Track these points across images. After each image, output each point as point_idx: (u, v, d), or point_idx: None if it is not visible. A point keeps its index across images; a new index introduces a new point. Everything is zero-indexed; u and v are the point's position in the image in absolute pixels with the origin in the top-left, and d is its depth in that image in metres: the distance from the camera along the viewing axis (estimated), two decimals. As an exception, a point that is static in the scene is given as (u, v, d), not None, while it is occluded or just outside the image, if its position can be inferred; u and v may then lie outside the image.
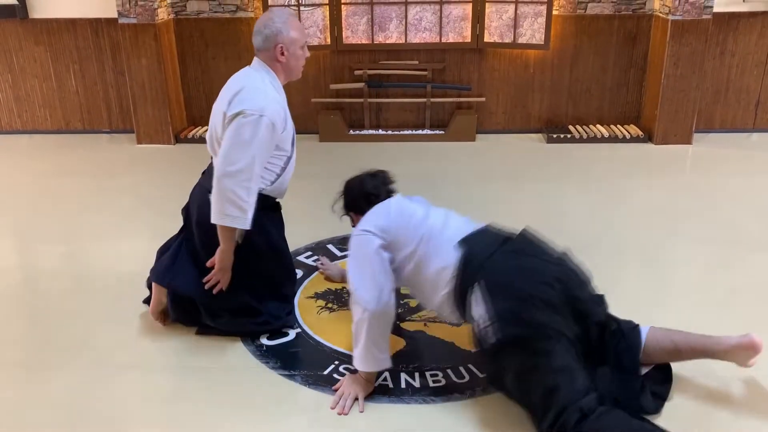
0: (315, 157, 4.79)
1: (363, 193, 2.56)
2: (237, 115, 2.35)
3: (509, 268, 2.15)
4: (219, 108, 2.47)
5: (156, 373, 2.44)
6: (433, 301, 2.29)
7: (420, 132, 5.21)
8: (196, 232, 2.61)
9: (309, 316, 2.76)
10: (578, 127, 5.18)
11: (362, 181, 2.61)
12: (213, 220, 2.40)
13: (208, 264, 2.51)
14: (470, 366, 2.41)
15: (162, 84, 4.95)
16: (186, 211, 2.74)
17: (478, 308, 2.09)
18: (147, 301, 2.81)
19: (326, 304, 2.85)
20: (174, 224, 3.67)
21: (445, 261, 2.19)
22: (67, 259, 3.39)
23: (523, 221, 3.62)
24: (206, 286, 2.51)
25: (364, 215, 2.43)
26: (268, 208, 2.61)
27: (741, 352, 2.21)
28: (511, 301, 2.05)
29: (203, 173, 2.70)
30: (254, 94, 2.40)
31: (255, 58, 2.53)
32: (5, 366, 2.50)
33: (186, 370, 2.45)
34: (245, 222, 2.39)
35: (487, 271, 2.12)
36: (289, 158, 2.61)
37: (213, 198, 2.39)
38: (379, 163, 4.64)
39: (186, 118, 5.35)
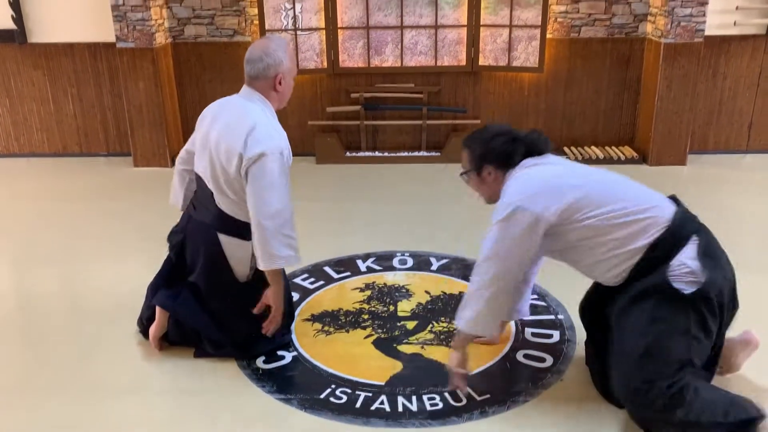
0: (312, 179, 4.81)
1: (525, 142, 2.34)
2: (260, 156, 2.31)
3: (718, 245, 2.28)
4: (229, 146, 2.36)
5: (151, 397, 2.42)
6: (605, 259, 2.23)
7: (416, 154, 5.24)
8: (203, 269, 2.55)
9: (305, 339, 2.75)
10: (573, 148, 5.21)
11: (517, 133, 2.37)
12: (264, 266, 2.39)
13: (257, 309, 2.52)
14: (467, 389, 2.40)
15: (159, 107, 4.98)
16: (179, 246, 2.66)
17: (687, 256, 2.15)
18: (143, 330, 2.77)
19: (323, 326, 2.85)
20: (166, 247, 3.67)
21: (654, 214, 2.18)
22: (62, 282, 3.38)
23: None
24: (264, 331, 2.54)
25: (506, 172, 2.32)
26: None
27: (739, 347, 2.37)
28: (718, 271, 2.17)
29: (193, 207, 2.63)
30: (269, 131, 2.37)
31: (245, 87, 2.46)
32: (0, 389, 2.48)
33: (182, 393, 2.44)
34: (297, 259, 2.43)
35: (706, 234, 2.24)
36: None
37: (258, 243, 2.36)
38: (377, 185, 4.69)
39: (183, 140, 5.36)
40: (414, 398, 2.37)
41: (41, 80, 5.27)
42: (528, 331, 2.78)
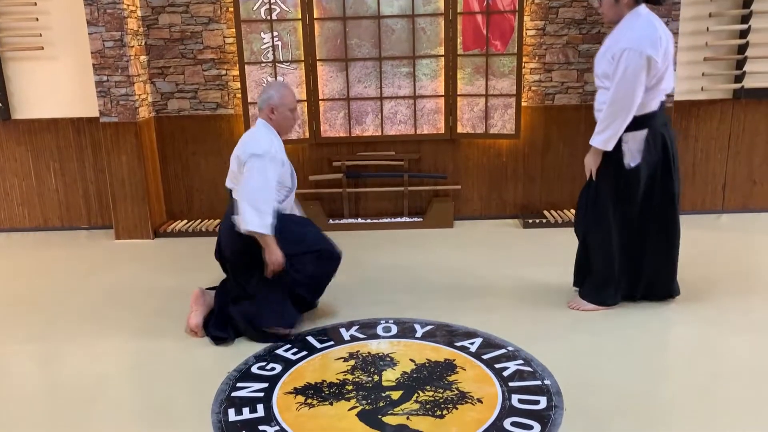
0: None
1: None
2: (250, 157, 3.22)
3: None
4: (235, 155, 3.34)
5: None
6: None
7: (398, 220, 5.28)
8: (227, 248, 3.45)
9: (288, 414, 2.68)
10: (553, 211, 5.29)
11: None
12: (242, 229, 3.17)
13: (268, 274, 3.27)
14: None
15: (142, 180, 5.01)
16: (218, 250, 3.56)
17: None
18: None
19: (306, 399, 2.79)
20: (149, 322, 3.62)
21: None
22: (38, 361, 3.29)
23: (503, 306, 3.64)
24: (267, 275, 3.28)
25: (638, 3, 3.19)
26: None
27: None
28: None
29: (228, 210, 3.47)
30: (257, 141, 3.28)
31: (258, 119, 3.43)
32: (-32, 477, 2.38)
33: (160, 475, 2.35)
34: (264, 227, 3.15)
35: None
36: (290, 189, 3.47)
37: (239, 214, 3.19)
38: (360, 251, 4.70)
39: (165, 212, 5.38)
40: (400, 472, 2.30)
41: (24, 155, 5.30)
42: (514, 397, 2.75)
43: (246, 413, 2.68)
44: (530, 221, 5.14)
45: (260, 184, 3.18)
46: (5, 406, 2.86)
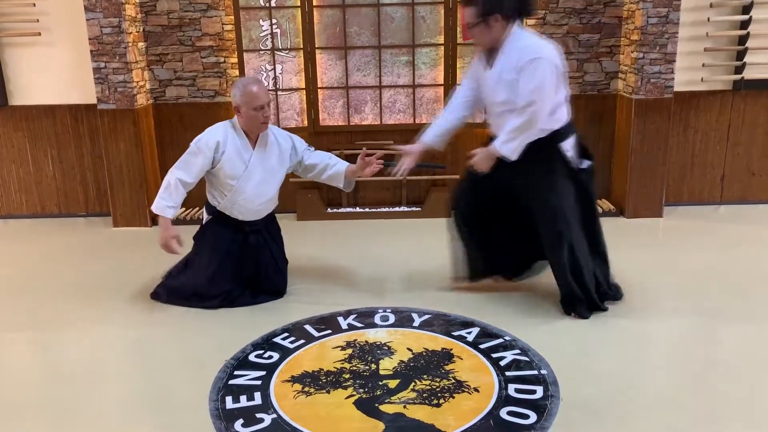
0: (292, 236, 4.78)
1: (526, 5, 3.14)
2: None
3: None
4: None
5: (125, 466, 2.34)
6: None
7: (397, 209, 5.27)
8: None
9: (285, 401, 2.69)
10: (552, 202, 5.28)
11: None
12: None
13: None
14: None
15: (140, 167, 4.99)
16: None
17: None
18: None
19: (303, 387, 2.79)
20: (147, 309, 3.63)
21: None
22: (36, 348, 3.30)
23: (500, 296, 3.65)
24: None
25: (511, 24, 3.07)
26: (222, 221, 3.64)
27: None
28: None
29: None
30: (207, 131, 3.55)
31: None
32: (-34, 463, 2.38)
33: (157, 462, 2.36)
34: (163, 209, 3.50)
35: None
36: (237, 190, 3.51)
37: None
38: (357, 240, 4.70)
39: (163, 200, 5.36)
40: (397, 460, 2.31)
41: (21, 142, 5.28)
42: (511, 387, 2.76)
43: (243, 401, 2.69)
44: (528, 211, 5.13)
45: (177, 166, 3.51)
46: (2, 393, 2.87)
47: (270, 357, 3.05)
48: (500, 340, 3.16)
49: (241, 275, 3.63)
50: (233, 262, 3.60)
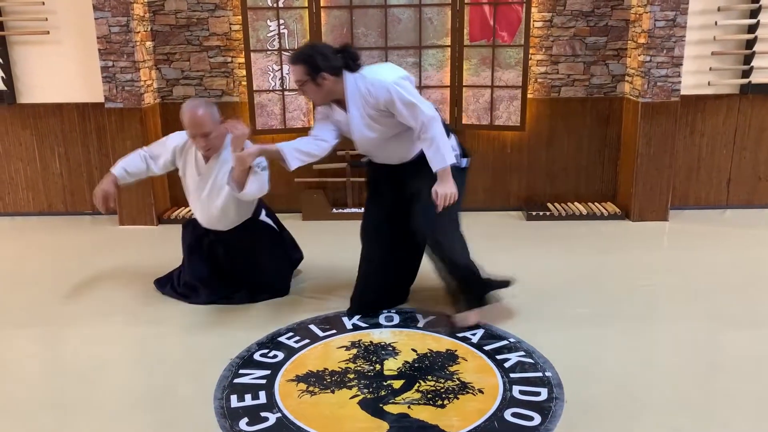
0: (298, 236, 4.78)
1: (349, 55, 3.09)
2: None
3: None
4: None
5: (130, 464, 2.35)
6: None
7: (402, 211, 5.27)
8: None
9: (290, 401, 2.70)
10: (557, 204, 5.28)
11: (341, 45, 3.16)
12: None
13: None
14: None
15: (146, 166, 5.00)
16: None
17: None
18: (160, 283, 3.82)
19: (307, 387, 2.80)
20: (152, 308, 3.64)
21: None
22: (40, 344, 3.31)
23: (506, 297, 3.64)
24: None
25: (340, 75, 3.05)
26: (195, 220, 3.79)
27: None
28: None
29: None
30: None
31: None
32: (-28, 458, 2.40)
33: (162, 459, 2.37)
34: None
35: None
36: (191, 198, 3.68)
37: None
38: (362, 242, 4.69)
39: (169, 198, 5.38)
40: (401, 460, 2.32)
41: (29, 140, 5.30)
42: (516, 389, 2.76)
43: (248, 400, 2.70)
44: (534, 213, 5.13)
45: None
46: (7, 388, 2.88)
47: (275, 356, 3.06)
48: (505, 342, 3.16)
49: (210, 274, 3.67)
50: (198, 260, 3.70)
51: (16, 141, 5.31)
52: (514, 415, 2.58)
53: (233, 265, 3.69)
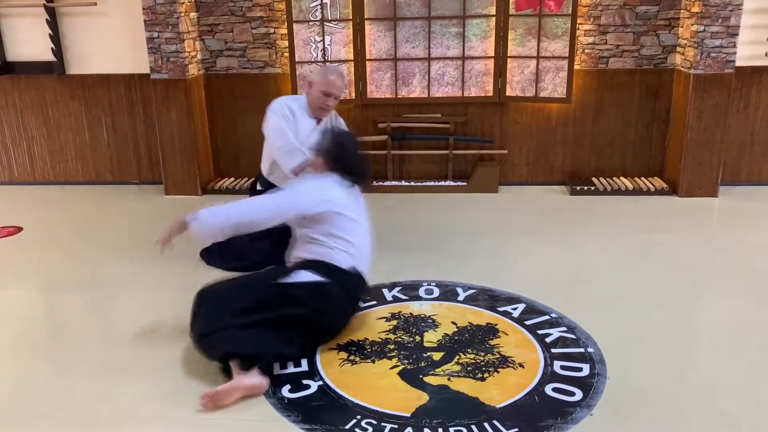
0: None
1: (352, 166, 3.06)
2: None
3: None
4: None
5: (180, 427, 2.43)
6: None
7: (443, 183, 5.25)
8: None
9: (331, 369, 2.74)
10: (602, 179, 5.17)
11: (362, 159, 3.21)
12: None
13: None
14: (495, 422, 2.37)
15: (191, 137, 5.08)
16: None
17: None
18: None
19: (348, 356, 2.83)
20: (198, 274, 3.71)
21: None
22: (93, 309, 3.42)
23: (547, 273, 3.61)
24: None
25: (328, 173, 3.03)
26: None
27: None
28: None
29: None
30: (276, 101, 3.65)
31: None
32: (29, 416, 2.50)
33: (209, 422, 2.44)
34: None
35: None
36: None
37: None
38: (402, 213, 4.70)
39: (213, 170, 5.46)
40: (440, 430, 2.34)
41: (78, 110, 5.42)
42: (557, 364, 2.74)
43: (290, 367, 2.75)
44: (578, 188, 5.04)
45: (275, 134, 3.54)
46: (60, 352, 2.99)
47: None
48: (546, 317, 3.14)
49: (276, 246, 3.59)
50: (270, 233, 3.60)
51: (66, 111, 5.43)
52: (555, 390, 2.56)
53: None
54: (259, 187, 3.83)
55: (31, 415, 2.51)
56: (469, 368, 2.71)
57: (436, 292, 3.44)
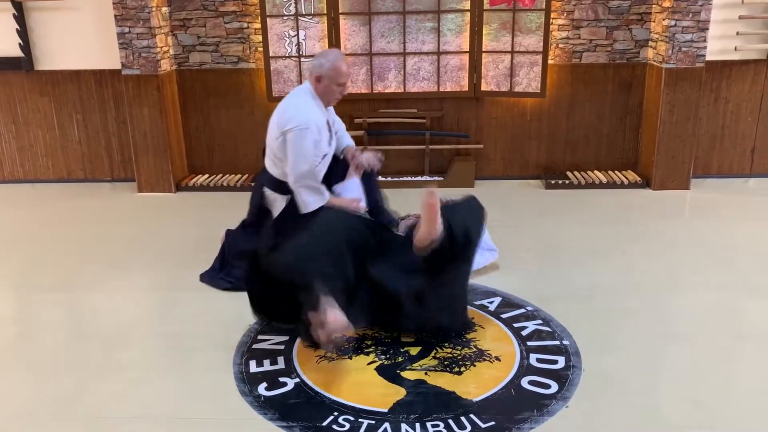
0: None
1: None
2: (289, 130, 3.20)
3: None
4: (273, 122, 3.31)
5: (155, 425, 2.39)
6: None
7: (419, 179, 5.25)
8: (253, 213, 3.53)
9: (308, 366, 2.72)
10: (576, 173, 5.22)
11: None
12: (303, 211, 3.28)
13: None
14: (472, 416, 2.37)
15: (163, 133, 5.01)
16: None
17: None
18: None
19: (325, 353, 2.82)
20: (172, 273, 3.67)
21: None
22: (66, 309, 3.36)
23: (523, 266, 3.63)
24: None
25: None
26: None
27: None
28: None
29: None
30: (296, 112, 3.23)
31: (306, 81, 3.42)
32: (2, 419, 2.46)
33: (183, 422, 2.41)
34: (323, 200, 3.30)
35: None
36: (325, 155, 3.39)
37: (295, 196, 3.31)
38: (379, 210, 4.68)
39: (187, 166, 5.39)
40: (418, 425, 2.34)
41: (47, 107, 5.32)
42: (533, 357, 2.76)
43: (267, 365, 2.73)
44: (553, 182, 5.08)
45: (306, 161, 3.21)
46: (33, 351, 2.94)
47: (293, 322, 3.07)
48: (522, 310, 3.16)
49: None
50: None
51: (35, 108, 5.32)
52: (531, 382, 2.58)
53: None
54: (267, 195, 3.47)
55: (3, 418, 2.46)
56: (446, 362, 2.72)
57: (413, 287, 3.43)
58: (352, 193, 3.43)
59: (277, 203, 3.40)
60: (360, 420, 2.37)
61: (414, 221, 3.07)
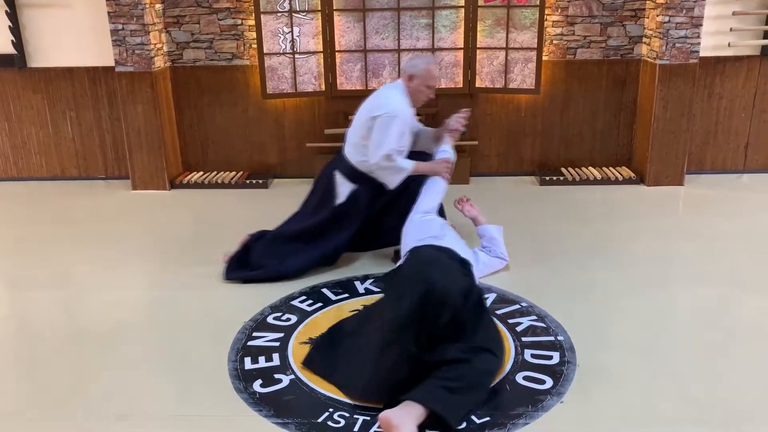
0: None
1: None
2: (378, 116, 3.42)
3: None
4: (365, 107, 3.56)
5: (149, 423, 2.39)
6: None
7: (414, 175, 5.24)
8: (318, 192, 3.70)
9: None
10: (571, 169, 5.23)
11: None
12: (391, 187, 3.56)
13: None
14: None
15: (158, 130, 4.99)
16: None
17: None
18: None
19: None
20: (167, 271, 3.67)
21: None
22: (60, 307, 3.35)
23: (518, 262, 3.64)
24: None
25: None
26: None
27: None
28: None
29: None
30: (388, 101, 3.47)
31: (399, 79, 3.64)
32: (-7, 417, 2.45)
33: (179, 419, 2.41)
34: (404, 169, 3.52)
35: None
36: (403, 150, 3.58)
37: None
38: (374, 207, 4.68)
39: (181, 164, 5.38)
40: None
41: (40, 104, 5.29)
42: (528, 352, 2.76)
43: (262, 362, 2.73)
44: (547, 178, 5.09)
45: (385, 142, 3.40)
46: (27, 349, 2.93)
47: (288, 319, 3.08)
48: (517, 306, 3.17)
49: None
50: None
51: (28, 105, 5.30)
52: (525, 378, 2.59)
53: None
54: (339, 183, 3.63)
55: (1, 415, 2.46)
56: (441, 359, 2.72)
57: (408, 283, 3.44)
58: (443, 154, 3.67)
59: (342, 188, 3.58)
60: (355, 416, 2.38)
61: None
